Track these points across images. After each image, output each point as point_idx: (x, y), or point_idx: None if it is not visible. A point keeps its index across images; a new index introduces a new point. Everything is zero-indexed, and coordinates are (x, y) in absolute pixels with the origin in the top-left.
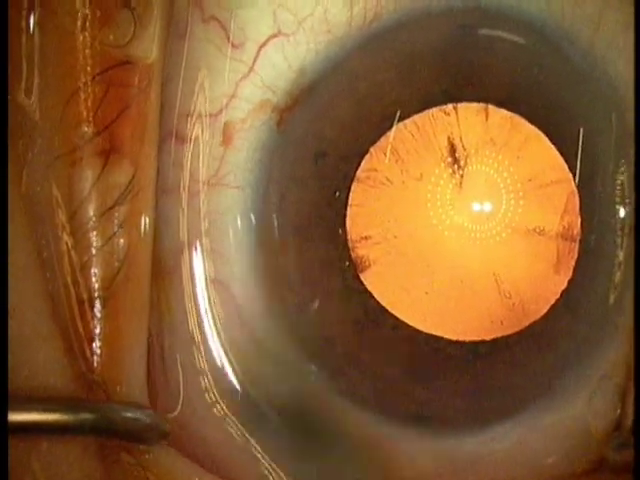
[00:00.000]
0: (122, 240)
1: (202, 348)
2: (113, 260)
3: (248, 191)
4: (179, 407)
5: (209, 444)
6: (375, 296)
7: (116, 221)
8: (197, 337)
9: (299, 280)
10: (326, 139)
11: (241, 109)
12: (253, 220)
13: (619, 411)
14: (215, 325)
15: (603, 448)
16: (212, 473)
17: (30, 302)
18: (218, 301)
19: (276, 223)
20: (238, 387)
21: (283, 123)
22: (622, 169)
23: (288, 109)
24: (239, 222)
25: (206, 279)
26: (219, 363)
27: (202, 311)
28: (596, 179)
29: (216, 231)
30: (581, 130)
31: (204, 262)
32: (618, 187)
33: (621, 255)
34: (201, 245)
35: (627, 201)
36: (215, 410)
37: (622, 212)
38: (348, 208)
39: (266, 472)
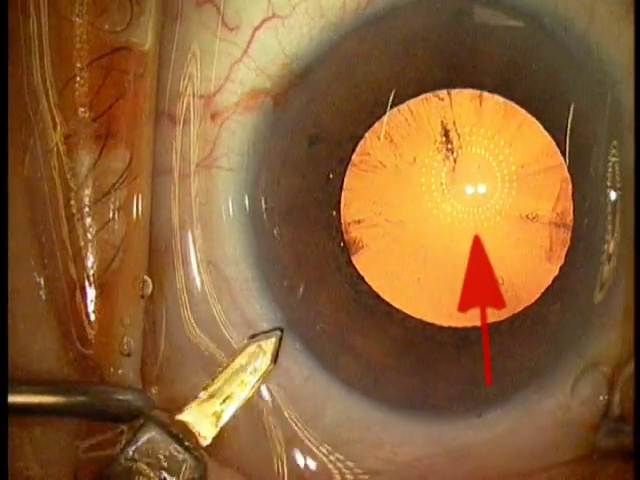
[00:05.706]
0: (118, 225)
1: (194, 330)
2: (109, 246)
3: (241, 174)
4: (172, 386)
5: None
6: (367, 280)
7: (112, 206)
8: (189, 319)
9: (291, 263)
10: (320, 123)
11: (235, 92)
12: (246, 202)
13: (606, 398)
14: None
15: (591, 436)
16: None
17: (27, 287)
18: (211, 283)
19: (269, 206)
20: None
21: (277, 107)
22: (613, 152)
23: (282, 93)
24: (232, 204)
25: (198, 261)
26: (211, 343)
27: (194, 293)
28: (589, 165)
29: (209, 213)
30: (571, 110)
31: (197, 244)
32: (609, 171)
33: (611, 244)
34: (194, 228)
35: (618, 185)
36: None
37: (613, 196)
38: (342, 192)
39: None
